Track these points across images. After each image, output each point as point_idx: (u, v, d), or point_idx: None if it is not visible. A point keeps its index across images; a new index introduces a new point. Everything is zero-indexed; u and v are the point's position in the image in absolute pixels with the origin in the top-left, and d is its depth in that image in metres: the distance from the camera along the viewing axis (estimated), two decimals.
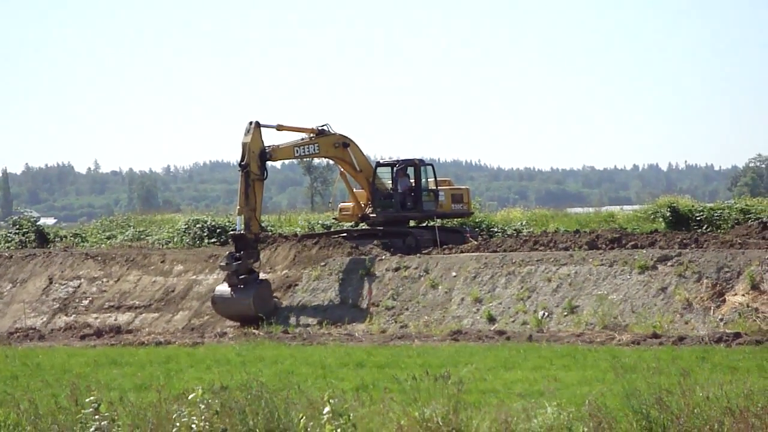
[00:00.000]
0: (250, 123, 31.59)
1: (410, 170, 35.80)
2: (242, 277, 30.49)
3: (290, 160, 38.20)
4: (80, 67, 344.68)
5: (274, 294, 31.19)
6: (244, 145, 31.37)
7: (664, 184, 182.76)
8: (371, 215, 35.43)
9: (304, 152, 34.06)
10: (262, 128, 31.80)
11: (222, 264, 31.10)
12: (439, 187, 36.01)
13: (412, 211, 35.54)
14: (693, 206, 39.62)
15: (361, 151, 34.72)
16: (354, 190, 35.58)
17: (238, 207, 31.36)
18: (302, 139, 33.43)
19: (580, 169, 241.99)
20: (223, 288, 30.77)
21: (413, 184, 35.63)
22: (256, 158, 31.39)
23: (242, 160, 31.29)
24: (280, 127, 32.81)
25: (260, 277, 31.12)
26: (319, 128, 33.59)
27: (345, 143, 34.11)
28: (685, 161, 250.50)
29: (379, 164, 36.10)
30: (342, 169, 35.21)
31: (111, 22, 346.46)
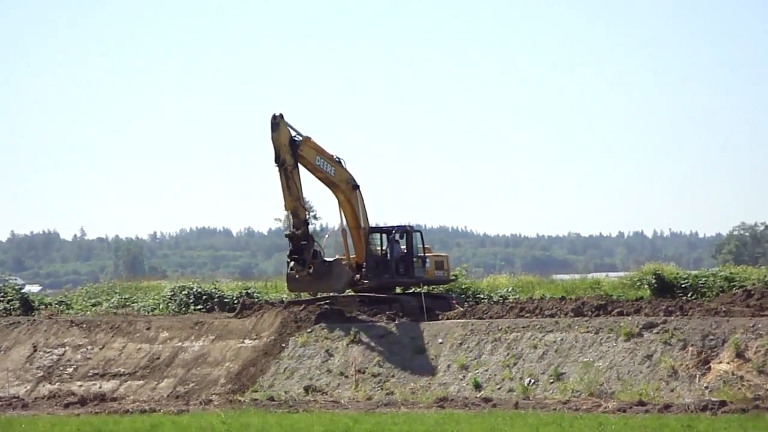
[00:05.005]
0: (274, 116, 32.38)
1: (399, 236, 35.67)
2: (311, 268, 32.32)
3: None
4: (66, 134, 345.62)
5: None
6: (274, 140, 32.32)
7: (649, 251, 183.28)
8: (363, 281, 35.00)
9: (323, 167, 33.90)
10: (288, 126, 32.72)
11: (291, 272, 32.86)
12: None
13: (404, 277, 35.31)
14: (678, 273, 39.70)
15: (365, 205, 34.81)
16: (350, 254, 34.91)
17: (284, 203, 32.62)
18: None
19: (566, 236, 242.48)
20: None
21: (405, 251, 35.48)
22: (287, 148, 32.38)
23: (276, 158, 32.31)
24: (307, 140, 33.26)
25: (326, 259, 33.22)
26: (337, 158, 34.20)
27: (355, 185, 34.36)
28: (670, 228, 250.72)
29: (371, 229, 35.78)
30: (344, 223, 34.84)
31: (95, 90, 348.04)
